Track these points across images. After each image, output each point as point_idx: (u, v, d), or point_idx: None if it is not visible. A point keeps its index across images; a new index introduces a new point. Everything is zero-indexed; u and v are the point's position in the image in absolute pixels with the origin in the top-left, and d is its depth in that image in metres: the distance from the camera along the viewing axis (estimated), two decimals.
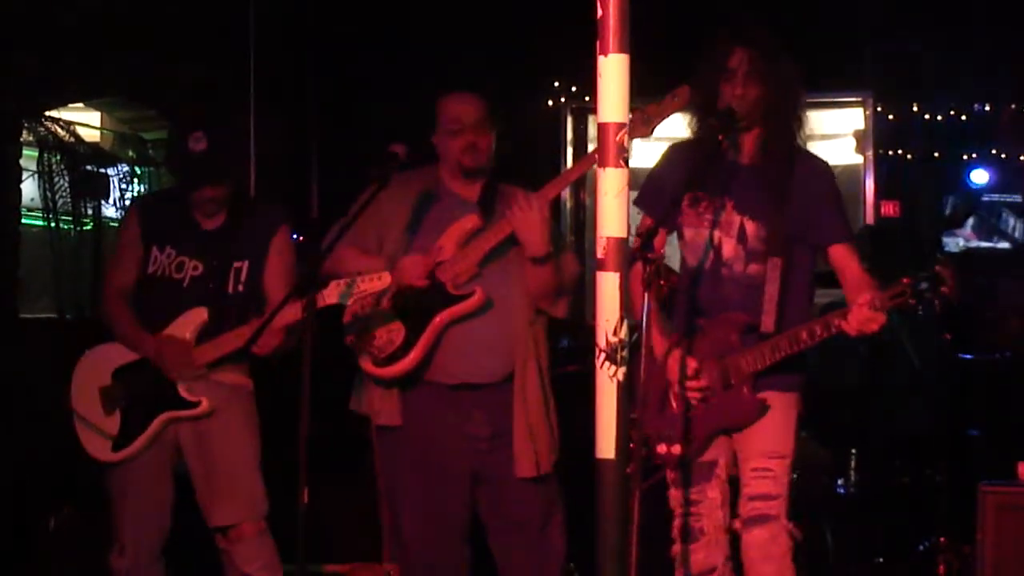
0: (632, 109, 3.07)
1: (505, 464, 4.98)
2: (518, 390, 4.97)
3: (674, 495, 4.63)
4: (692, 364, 4.52)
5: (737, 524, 4.53)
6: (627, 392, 3.02)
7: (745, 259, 4.54)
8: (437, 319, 4.91)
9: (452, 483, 5.02)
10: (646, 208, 4.69)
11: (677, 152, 4.71)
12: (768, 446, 4.50)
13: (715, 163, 4.52)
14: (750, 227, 4.53)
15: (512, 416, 4.96)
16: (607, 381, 3.00)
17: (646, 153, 4.71)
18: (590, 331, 3.09)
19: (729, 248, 4.56)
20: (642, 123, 4.48)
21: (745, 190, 4.55)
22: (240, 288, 5.18)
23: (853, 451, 6.71)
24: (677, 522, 4.62)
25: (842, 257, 4.55)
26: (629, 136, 3.96)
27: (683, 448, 4.55)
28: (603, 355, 3.00)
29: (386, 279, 4.75)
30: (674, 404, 4.57)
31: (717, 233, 4.57)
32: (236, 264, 5.19)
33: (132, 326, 5.18)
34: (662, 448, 4.56)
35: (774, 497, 4.47)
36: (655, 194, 4.66)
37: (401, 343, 4.93)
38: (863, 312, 4.25)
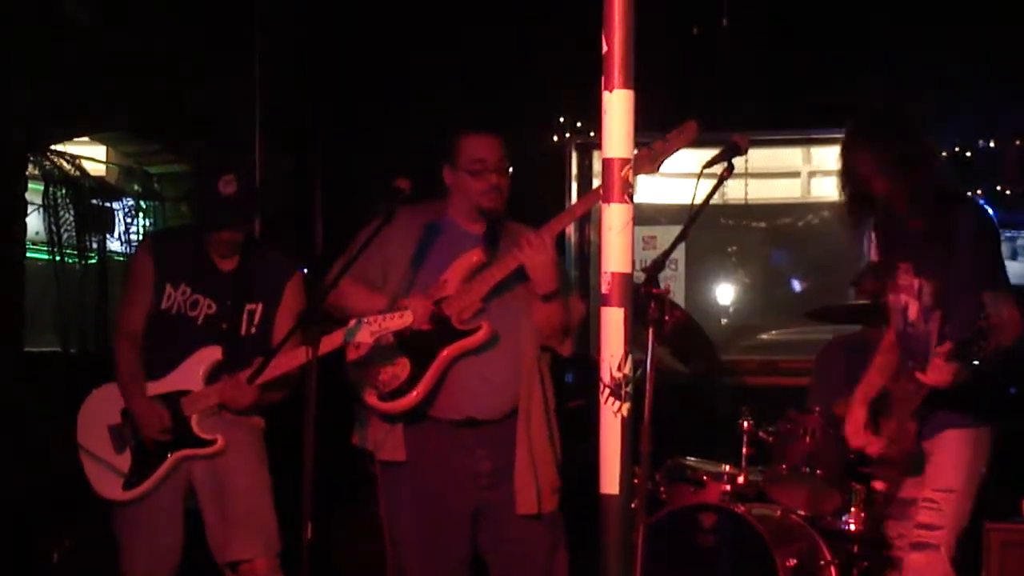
0: (638, 145, 3.08)
1: (506, 500, 4.96)
2: (522, 426, 4.95)
3: (888, 526, 5.04)
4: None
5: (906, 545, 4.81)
6: (634, 427, 3.02)
7: (925, 317, 4.74)
8: (443, 354, 4.90)
9: (454, 519, 5.01)
10: (860, 292, 5.14)
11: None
12: (935, 480, 4.73)
13: (893, 229, 4.83)
14: (925, 286, 4.73)
15: (515, 452, 4.95)
16: (611, 416, 3.00)
17: (651, 189, 4.71)
18: (595, 366, 3.09)
19: (914, 310, 4.78)
20: (648, 160, 4.49)
21: (916, 251, 4.75)
22: (253, 331, 5.19)
23: (858, 488, 6.68)
24: (890, 552, 5.01)
25: (987, 304, 4.55)
26: (635, 172, 3.99)
27: (885, 485, 5.17)
28: (607, 390, 3.00)
29: (408, 318, 4.74)
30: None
31: (904, 297, 4.81)
32: (249, 306, 5.20)
33: (131, 377, 5.18)
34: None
35: (937, 527, 4.69)
36: (864, 273, 5.01)
37: (407, 378, 4.92)
38: (934, 362, 4.51)
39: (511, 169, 5.05)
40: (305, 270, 5.70)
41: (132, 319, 5.25)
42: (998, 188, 9.22)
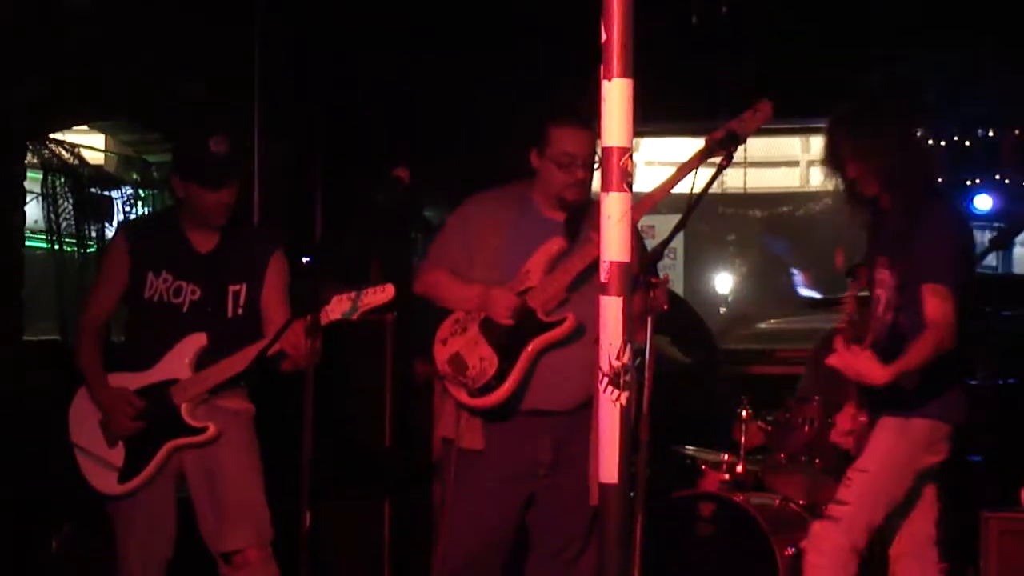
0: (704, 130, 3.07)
1: (559, 489, 4.99)
2: (595, 417, 4.90)
3: None
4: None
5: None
6: (632, 416, 3.02)
7: (888, 310, 4.75)
8: (530, 347, 4.87)
9: (510, 505, 5.04)
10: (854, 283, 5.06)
11: None
12: (858, 461, 4.81)
13: (877, 222, 4.89)
14: (894, 280, 4.73)
15: (584, 442, 4.88)
16: (610, 405, 3.00)
17: (650, 177, 4.69)
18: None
19: (882, 304, 4.76)
20: (728, 141, 4.44)
21: (891, 245, 4.78)
22: (239, 311, 5.14)
23: None
24: None
25: (924, 298, 4.62)
26: (710, 156, 4.03)
27: None
28: (606, 379, 3.00)
29: (389, 291, 4.71)
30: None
31: (879, 291, 4.80)
32: (233, 287, 5.14)
33: (92, 367, 5.15)
34: None
35: (843, 503, 4.75)
36: (858, 265, 5.02)
37: (495, 373, 4.89)
38: (835, 344, 4.60)
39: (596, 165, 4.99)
40: (305, 259, 5.68)
41: (98, 308, 5.22)
42: (997, 177, 9.23)
